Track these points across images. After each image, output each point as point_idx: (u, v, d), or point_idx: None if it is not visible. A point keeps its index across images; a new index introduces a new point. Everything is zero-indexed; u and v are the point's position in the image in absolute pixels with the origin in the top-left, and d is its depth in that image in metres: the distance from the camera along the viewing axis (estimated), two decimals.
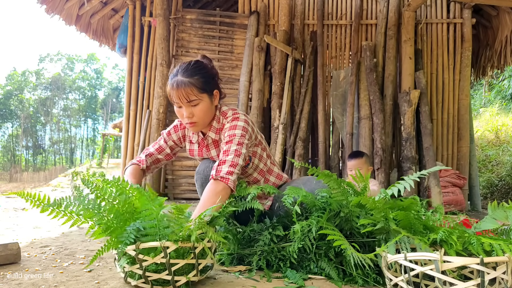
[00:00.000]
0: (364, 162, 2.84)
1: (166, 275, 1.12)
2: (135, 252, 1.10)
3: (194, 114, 1.58)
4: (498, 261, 0.95)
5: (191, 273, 1.16)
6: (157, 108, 4.41)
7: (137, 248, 1.09)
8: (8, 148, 40.43)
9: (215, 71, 1.68)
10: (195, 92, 1.55)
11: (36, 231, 2.31)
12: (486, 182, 6.64)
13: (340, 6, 4.72)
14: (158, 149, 1.81)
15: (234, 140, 1.59)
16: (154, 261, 1.10)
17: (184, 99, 1.54)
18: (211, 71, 1.64)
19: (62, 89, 41.70)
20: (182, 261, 1.13)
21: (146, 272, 1.12)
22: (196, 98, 1.55)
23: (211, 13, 4.80)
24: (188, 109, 1.57)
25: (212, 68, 1.67)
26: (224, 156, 1.55)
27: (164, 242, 1.09)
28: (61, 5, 4.74)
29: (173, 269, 1.12)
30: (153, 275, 1.12)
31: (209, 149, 1.76)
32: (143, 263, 1.11)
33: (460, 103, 4.50)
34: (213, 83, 1.64)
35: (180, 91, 1.53)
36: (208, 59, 1.71)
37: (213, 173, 1.50)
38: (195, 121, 1.60)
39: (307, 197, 1.38)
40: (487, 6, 4.73)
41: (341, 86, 4.49)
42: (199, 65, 1.61)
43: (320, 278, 1.30)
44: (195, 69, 1.58)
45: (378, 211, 1.16)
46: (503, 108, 9.74)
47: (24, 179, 20.53)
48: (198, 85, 1.55)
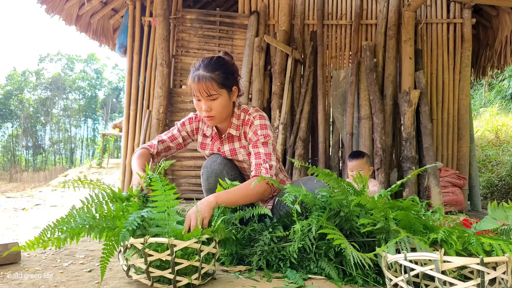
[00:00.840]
0: (365, 162, 2.84)
1: (169, 273, 1.11)
2: (142, 245, 1.09)
3: (212, 108, 1.63)
4: (498, 261, 0.95)
5: (193, 276, 1.15)
6: (157, 108, 4.41)
7: (145, 242, 1.09)
8: (8, 148, 40.43)
9: (235, 68, 1.73)
10: (215, 87, 1.59)
11: (36, 231, 2.31)
12: (486, 182, 6.64)
13: (340, 6, 4.72)
14: (171, 137, 1.83)
15: (269, 141, 1.69)
16: (159, 257, 1.09)
17: (204, 92, 1.59)
18: (231, 68, 1.69)
19: (62, 89, 41.69)
20: (186, 262, 1.12)
21: (150, 267, 1.12)
22: (215, 93, 1.60)
23: (211, 13, 4.80)
24: (207, 103, 1.61)
25: (233, 65, 1.72)
26: (269, 160, 1.63)
27: (172, 240, 1.10)
28: (61, 5, 4.74)
29: (177, 268, 1.12)
30: (156, 271, 1.11)
31: (223, 143, 1.79)
32: (148, 258, 1.10)
33: (460, 103, 4.50)
34: (233, 79, 1.69)
35: (201, 84, 1.58)
36: (229, 56, 1.76)
37: (262, 173, 1.57)
38: (212, 115, 1.65)
39: (308, 196, 1.38)
40: (487, 6, 4.73)
41: (341, 86, 4.49)
42: (220, 61, 1.66)
43: (320, 278, 1.30)
44: (216, 64, 1.63)
45: (378, 210, 1.16)
46: (503, 108, 9.73)
47: (24, 179, 20.52)
48: (219, 80, 1.60)
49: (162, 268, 1.13)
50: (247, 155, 1.76)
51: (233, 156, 1.79)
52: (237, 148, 1.77)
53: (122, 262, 1.20)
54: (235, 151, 1.78)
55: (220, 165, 1.74)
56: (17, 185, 16.18)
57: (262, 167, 1.58)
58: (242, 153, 1.77)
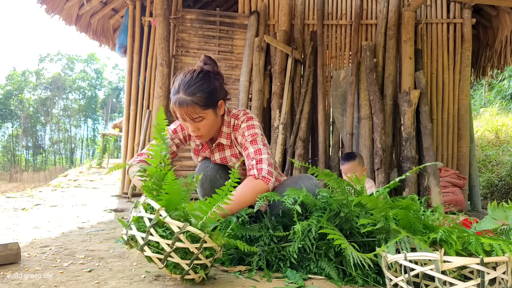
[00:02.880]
0: (357, 164, 2.78)
1: (186, 264, 1.11)
2: (178, 229, 1.08)
3: (199, 128, 1.57)
4: (498, 261, 0.95)
5: (201, 273, 1.16)
6: (157, 108, 4.40)
7: (183, 228, 1.08)
8: (8, 148, 40.43)
9: (218, 83, 1.59)
10: (198, 111, 1.51)
11: (36, 231, 2.31)
12: (486, 182, 6.64)
13: (340, 6, 4.72)
14: None
15: (258, 139, 1.61)
16: (188, 247, 1.09)
17: (187, 117, 1.52)
18: (213, 84, 1.56)
19: (62, 89, 41.69)
20: (205, 260, 1.14)
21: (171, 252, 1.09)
22: (199, 116, 1.53)
23: (211, 13, 4.80)
24: (192, 125, 1.55)
25: (214, 78, 1.58)
26: (258, 155, 1.56)
27: (206, 236, 1.11)
28: (61, 5, 4.74)
29: (195, 262, 1.12)
30: (176, 258, 1.09)
31: (213, 152, 1.76)
32: (175, 243, 1.08)
33: (460, 103, 4.50)
34: (217, 95, 1.57)
35: (183, 110, 1.50)
36: (211, 60, 1.65)
37: (254, 172, 1.51)
38: (200, 135, 1.59)
39: (308, 197, 1.38)
40: (487, 6, 4.73)
41: (341, 86, 4.49)
42: (201, 78, 1.53)
43: (320, 278, 1.30)
44: (197, 85, 1.50)
45: (378, 210, 1.16)
46: (503, 108, 9.73)
47: (24, 179, 20.51)
48: (201, 102, 1.50)
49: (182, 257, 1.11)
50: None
51: (224, 163, 1.77)
52: (228, 156, 1.74)
53: (137, 233, 1.12)
54: (226, 160, 1.75)
55: (213, 170, 1.71)
56: (17, 185, 16.18)
57: (255, 168, 1.53)
58: (233, 161, 1.74)
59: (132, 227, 1.15)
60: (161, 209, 1.11)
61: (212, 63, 1.63)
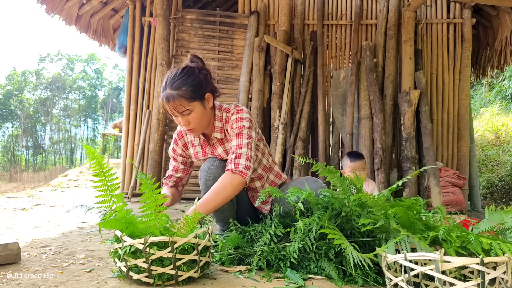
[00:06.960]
0: (365, 163, 2.86)
1: (170, 269, 1.16)
2: (143, 245, 1.14)
3: (189, 121, 1.62)
4: (498, 261, 0.95)
5: (192, 270, 1.20)
6: (157, 108, 4.41)
7: (146, 242, 1.14)
8: (8, 148, 40.42)
9: (202, 76, 1.63)
10: (185, 103, 1.57)
11: (36, 231, 2.31)
12: (486, 182, 6.64)
13: (340, 6, 4.72)
14: (174, 168, 1.86)
15: (244, 132, 1.64)
16: (161, 255, 1.14)
17: (175, 111, 1.58)
18: (198, 78, 1.60)
19: (62, 89, 41.68)
20: (186, 257, 1.17)
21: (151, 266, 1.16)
22: (187, 109, 1.58)
23: (211, 13, 4.80)
24: (183, 118, 1.61)
25: (199, 72, 1.63)
26: (238, 149, 1.60)
27: (172, 237, 1.15)
28: (61, 5, 4.74)
29: (177, 263, 1.16)
30: (157, 269, 1.15)
31: (215, 147, 1.78)
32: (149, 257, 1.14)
33: (460, 103, 4.50)
34: (203, 88, 1.62)
35: (170, 104, 1.57)
36: (198, 58, 1.69)
37: (231, 167, 1.56)
38: (192, 128, 1.65)
39: (311, 195, 1.38)
40: (487, 6, 4.73)
41: (341, 86, 4.49)
42: (185, 73, 1.59)
43: (320, 278, 1.30)
44: (182, 79, 1.57)
45: (378, 208, 1.16)
46: (503, 108, 9.73)
47: (24, 179, 20.51)
48: (187, 95, 1.56)
49: (161, 265, 1.17)
50: None
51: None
52: (228, 150, 1.77)
53: (119, 264, 1.21)
54: (227, 153, 1.78)
55: (218, 168, 1.72)
56: (17, 185, 16.18)
57: (233, 162, 1.58)
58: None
59: (116, 261, 1.24)
60: (123, 235, 1.19)
61: (198, 61, 1.69)
